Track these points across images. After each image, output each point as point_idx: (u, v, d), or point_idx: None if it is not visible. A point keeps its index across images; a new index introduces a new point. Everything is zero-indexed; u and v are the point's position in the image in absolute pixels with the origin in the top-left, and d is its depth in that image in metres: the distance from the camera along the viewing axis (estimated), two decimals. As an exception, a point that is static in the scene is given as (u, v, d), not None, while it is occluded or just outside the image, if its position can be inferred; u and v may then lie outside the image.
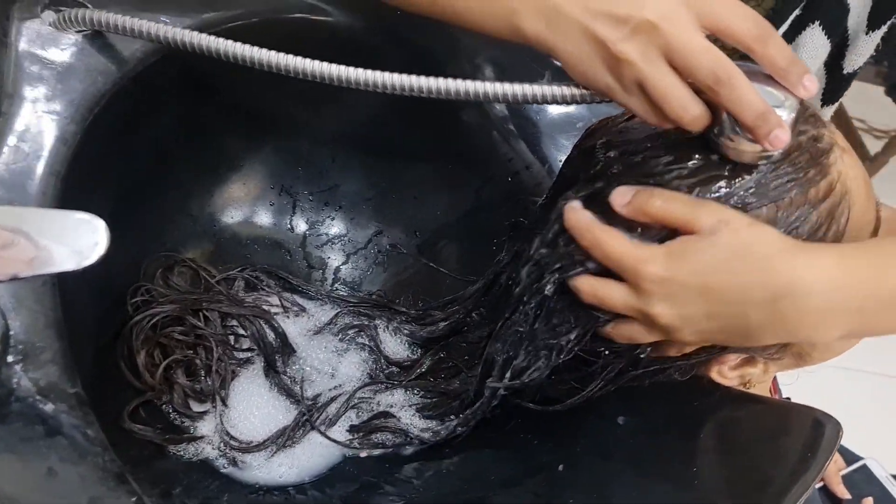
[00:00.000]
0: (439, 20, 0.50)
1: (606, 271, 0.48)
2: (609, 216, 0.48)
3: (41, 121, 0.49)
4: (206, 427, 0.61)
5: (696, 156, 0.47)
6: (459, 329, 0.67)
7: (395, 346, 0.69)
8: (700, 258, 0.44)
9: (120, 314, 0.63)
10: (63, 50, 0.52)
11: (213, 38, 0.48)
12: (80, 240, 0.36)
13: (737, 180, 0.46)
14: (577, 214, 0.49)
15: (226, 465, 0.59)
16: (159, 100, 0.61)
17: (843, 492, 0.93)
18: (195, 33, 0.49)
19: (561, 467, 0.53)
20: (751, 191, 0.46)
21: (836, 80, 0.74)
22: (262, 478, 0.59)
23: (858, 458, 0.97)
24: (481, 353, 0.62)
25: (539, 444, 0.57)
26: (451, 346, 0.67)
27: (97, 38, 0.53)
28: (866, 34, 0.68)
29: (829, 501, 0.92)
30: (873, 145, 2.09)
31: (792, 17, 0.69)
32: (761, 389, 0.61)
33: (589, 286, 0.48)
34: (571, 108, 0.70)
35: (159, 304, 0.64)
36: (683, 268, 0.44)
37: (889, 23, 0.69)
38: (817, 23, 0.68)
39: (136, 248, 0.66)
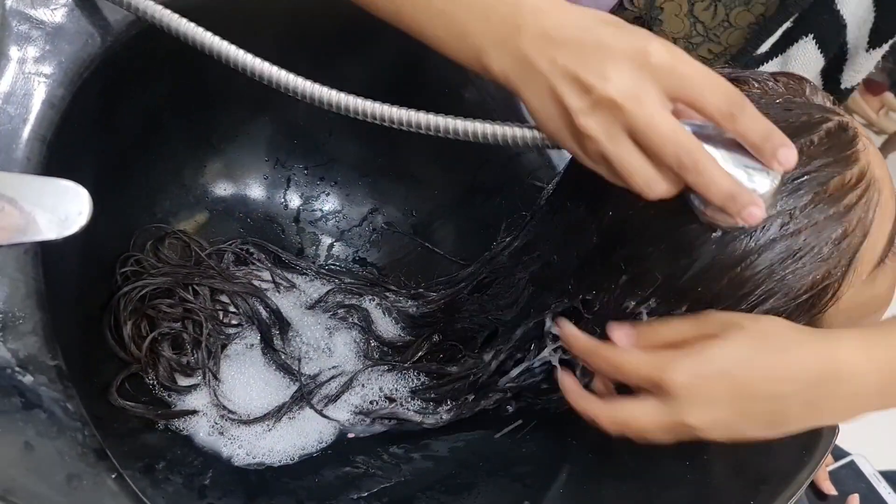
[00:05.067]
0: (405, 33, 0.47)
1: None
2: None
3: (28, 83, 0.48)
4: (198, 401, 0.60)
5: None
6: (451, 311, 0.66)
7: (386, 325, 0.68)
8: (723, 358, 0.43)
9: (108, 284, 0.62)
10: (53, 10, 0.50)
11: (195, 27, 0.47)
12: (64, 208, 0.34)
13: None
14: (577, 342, 0.48)
15: (215, 441, 0.58)
16: (152, 66, 0.59)
17: (829, 488, 0.92)
18: (177, 17, 0.47)
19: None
20: (782, 194, 0.45)
21: (832, 94, 0.73)
22: (245, 456, 0.58)
23: (846, 455, 0.97)
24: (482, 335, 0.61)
25: (531, 435, 0.56)
26: (443, 328, 0.66)
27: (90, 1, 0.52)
28: (867, 51, 0.66)
29: (816, 497, 0.92)
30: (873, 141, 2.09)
31: (783, 28, 0.67)
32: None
33: (608, 417, 0.46)
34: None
35: (150, 275, 0.63)
36: (709, 369, 0.43)
37: (892, 41, 0.66)
38: (811, 36, 0.66)
39: (126, 217, 0.64)
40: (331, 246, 0.74)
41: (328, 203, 0.74)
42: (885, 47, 0.65)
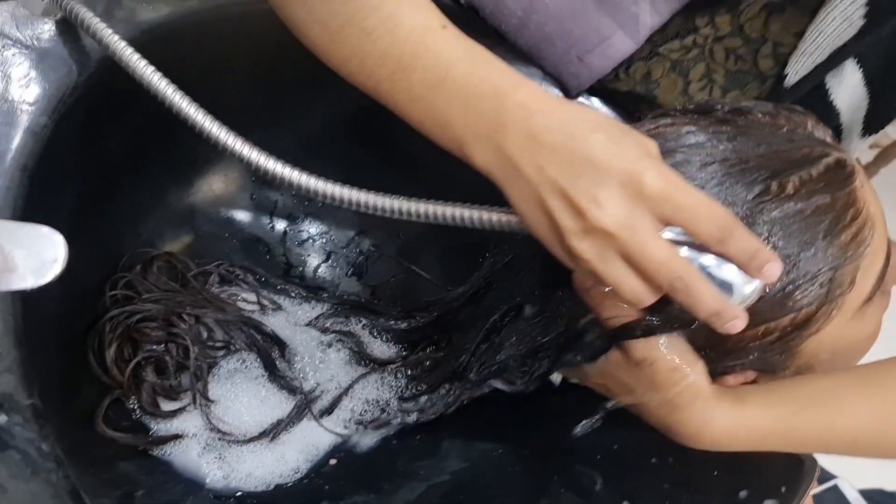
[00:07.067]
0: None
1: None
2: None
3: (11, 111, 0.47)
4: (182, 425, 0.59)
5: None
6: (441, 326, 0.66)
7: (378, 347, 0.68)
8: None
9: (91, 307, 0.61)
10: (38, 37, 0.50)
11: (156, 75, 0.48)
12: (39, 255, 0.34)
13: None
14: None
15: (198, 466, 0.58)
16: (137, 90, 0.58)
17: (813, 512, 0.93)
18: (143, 64, 0.48)
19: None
20: (777, 225, 0.46)
21: None
22: (221, 483, 0.57)
23: (831, 478, 0.98)
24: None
25: (513, 468, 0.56)
26: (434, 343, 0.66)
27: (73, 25, 0.51)
28: (861, 138, 0.65)
29: (800, 520, 0.92)
30: (863, 155, 2.10)
31: None
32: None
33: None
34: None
35: (141, 301, 0.62)
36: None
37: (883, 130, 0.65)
38: None
39: (110, 240, 0.64)
40: (317, 268, 0.74)
41: (315, 225, 0.74)
42: (879, 134, 0.65)
